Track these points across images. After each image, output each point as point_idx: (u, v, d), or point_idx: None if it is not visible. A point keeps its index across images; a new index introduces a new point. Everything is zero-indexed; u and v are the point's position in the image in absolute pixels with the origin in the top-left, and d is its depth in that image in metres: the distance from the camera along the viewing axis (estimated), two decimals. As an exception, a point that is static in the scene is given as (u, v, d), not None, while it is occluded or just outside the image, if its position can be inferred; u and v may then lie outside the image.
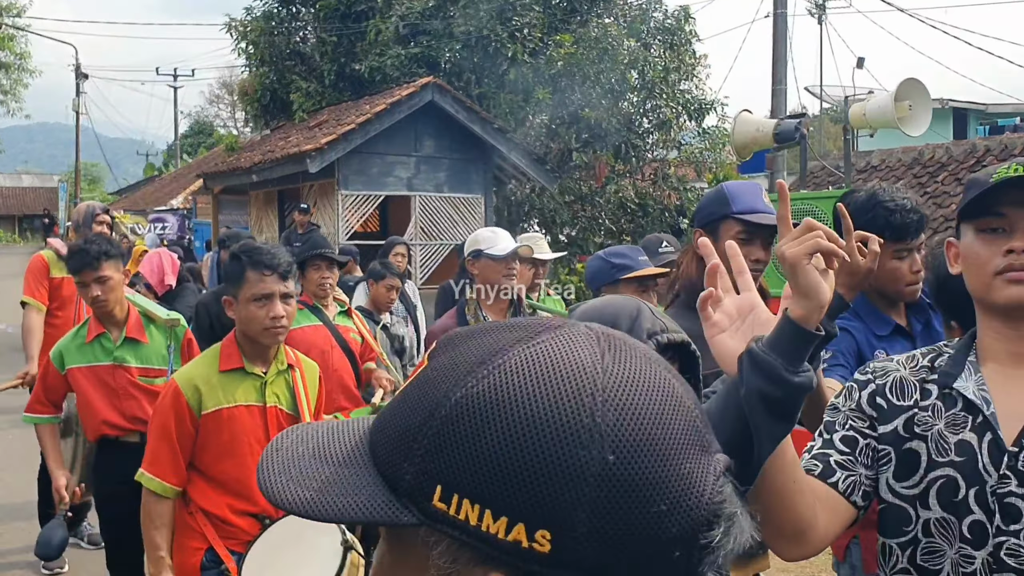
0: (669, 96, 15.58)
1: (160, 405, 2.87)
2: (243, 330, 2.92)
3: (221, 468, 2.87)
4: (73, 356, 3.86)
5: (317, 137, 12.87)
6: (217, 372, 2.89)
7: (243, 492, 2.88)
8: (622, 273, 3.33)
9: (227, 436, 2.86)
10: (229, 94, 57.89)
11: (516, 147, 13.87)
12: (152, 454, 2.84)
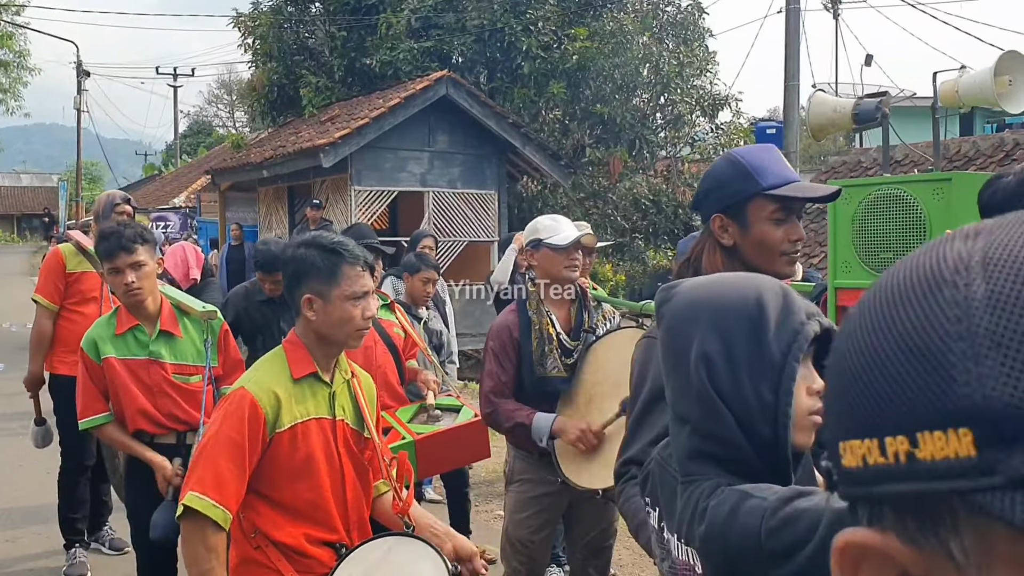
0: (683, 91, 15.35)
1: (228, 417, 2.40)
2: (328, 332, 2.53)
3: (294, 492, 2.47)
4: (107, 346, 3.55)
5: (330, 132, 12.63)
6: (291, 380, 2.50)
7: (319, 518, 2.50)
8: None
9: (302, 455, 2.47)
10: (228, 94, 57.77)
11: (531, 142, 13.63)
12: (214, 475, 2.35)
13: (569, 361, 3.66)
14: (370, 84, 15.37)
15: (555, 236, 3.65)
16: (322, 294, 2.49)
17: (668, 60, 14.87)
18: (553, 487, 3.72)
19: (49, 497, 6.38)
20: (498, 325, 3.77)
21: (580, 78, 14.65)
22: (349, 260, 2.51)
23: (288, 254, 2.55)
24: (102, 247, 3.54)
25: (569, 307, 3.77)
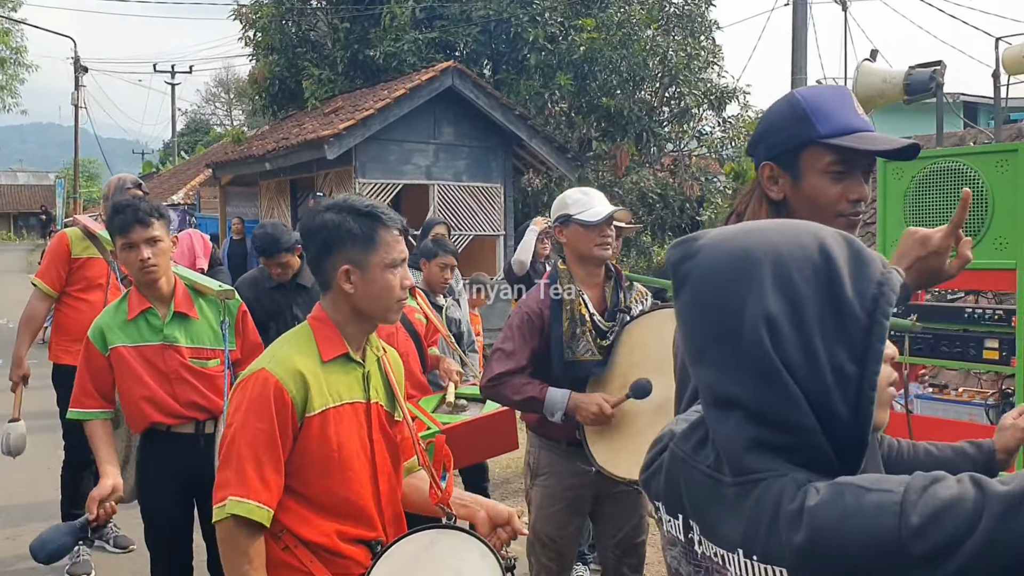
0: (691, 84, 15.14)
1: (252, 405, 2.14)
2: (366, 305, 2.26)
3: (326, 485, 2.22)
4: (116, 334, 3.32)
5: (334, 123, 12.40)
6: (320, 361, 2.24)
7: (353, 513, 2.25)
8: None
9: (334, 444, 2.21)
10: (226, 92, 57.50)
11: (537, 135, 13.41)
12: (253, 474, 2.11)
13: (604, 343, 3.44)
14: (373, 76, 15.15)
15: (586, 211, 3.42)
16: (359, 263, 2.22)
17: (676, 52, 14.64)
18: (582, 479, 3.50)
19: (50, 493, 6.15)
20: (526, 302, 3.53)
21: (587, 70, 14.42)
22: (387, 223, 2.26)
23: (316, 221, 2.27)
24: (117, 220, 3.29)
25: (603, 287, 3.55)
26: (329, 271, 2.25)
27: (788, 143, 1.74)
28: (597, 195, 3.55)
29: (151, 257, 3.27)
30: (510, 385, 3.41)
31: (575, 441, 3.45)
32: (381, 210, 2.28)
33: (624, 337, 3.46)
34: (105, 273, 4.95)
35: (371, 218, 2.25)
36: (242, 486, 2.11)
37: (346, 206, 2.27)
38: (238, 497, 2.10)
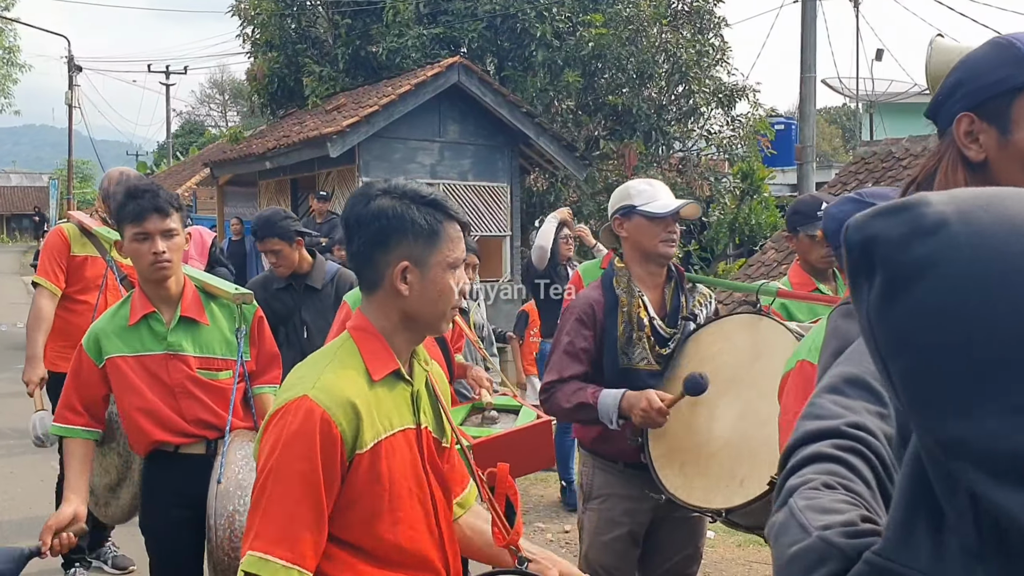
0: (700, 82, 14.82)
1: (292, 441, 1.76)
2: (421, 310, 1.91)
3: (380, 531, 1.84)
4: (113, 343, 2.95)
5: (337, 120, 12.06)
6: (369, 383, 1.86)
7: (412, 563, 1.89)
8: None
9: (385, 482, 1.83)
10: (221, 93, 57.14)
11: (544, 133, 13.08)
12: (281, 525, 1.74)
13: (663, 351, 3.08)
14: (375, 74, 14.81)
15: (652, 203, 3.07)
16: (419, 260, 1.86)
17: (685, 49, 14.32)
18: (641, 503, 3.15)
19: (44, 508, 5.79)
20: (579, 303, 3.17)
21: (595, 67, 14.11)
22: (452, 215, 1.91)
23: (371, 208, 1.86)
24: (132, 206, 2.89)
25: (663, 288, 3.19)
26: (381, 268, 1.87)
27: (997, 87, 1.42)
28: (662, 187, 3.20)
29: (165, 251, 2.91)
30: (562, 392, 3.06)
31: (634, 462, 3.09)
32: (444, 200, 1.93)
33: (689, 347, 3.11)
34: (102, 273, 4.57)
35: (436, 208, 1.89)
36: (264, 540, 1.73)
37: (407, 192, 1.89)
38: (259, 553, 1.72)
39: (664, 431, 2.99)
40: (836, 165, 25.90)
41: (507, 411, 3.99)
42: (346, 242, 1.95)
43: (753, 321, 3.04)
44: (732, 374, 2.95)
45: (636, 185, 3.20)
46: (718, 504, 2.80)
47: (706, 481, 2.88)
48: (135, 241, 2.91)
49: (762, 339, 2.97)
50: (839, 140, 54.29)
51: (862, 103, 22.89)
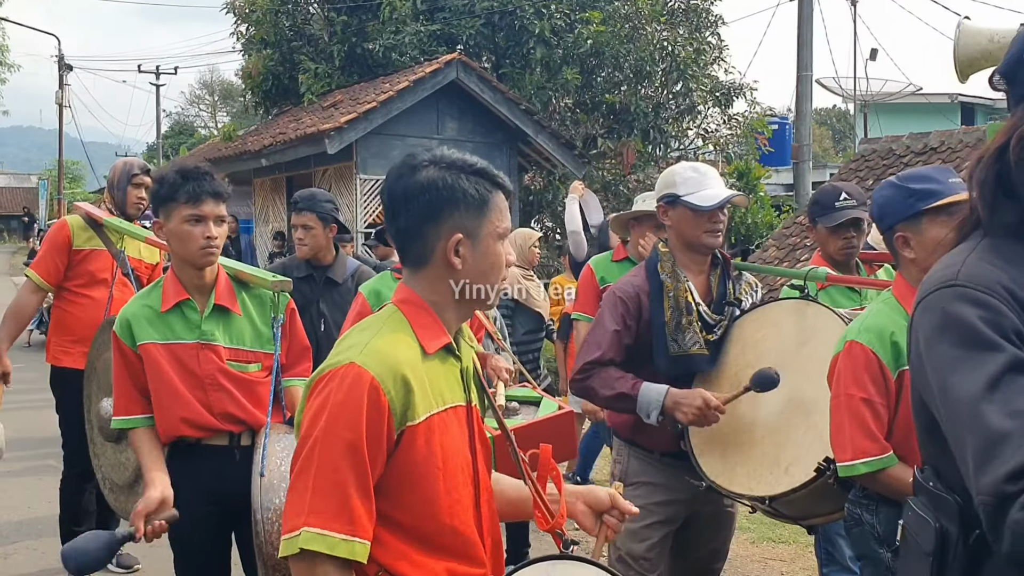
0: (697, 80, 14.77)
1: (340, 410, 1.65)
2: (476, 280, 1.82)
3: (431, 512, 1.75)
4: (144, 329, 2.85)
5: (334, 117, 11.95)
6: (422, 355, 1.76)
7: (461, 547, 1.79)
8: (927, 202, 2.39)
9: (439, 459, 1.75)
10: (211, 94, 56.90)
11: (544, 130, 12.99)
12: (336, 497, 1.64)
13: (711, 337, 3.00)
14: (371, 71, 14.69)
15: (697, 192, 2.98)
16: (472, 232, 1.78)
17: (684, 47, 14.26)
18: (678, 493, 3.07)
19: (42, 508, 5.69)
20: (621, 287, 3.08)
21: (593, 64, 14.03)
22: (501, 184, 1.84)
23: (419, 179, 1.78)
24: (189, 187, 2.79)
25: (708, 275, 3.10)
26: (432, 241, 1.78)
27: None
28: (710, 172, 3.09)
29: (216, 236, 2.83)
30: (600, 378, 2.97)
31: (671, 451, 3.02)
32: (492, 168, 1.85)
33: (735, 333, 3.03)
34: (110, 266, 4.48)
35: (484, 177, 1.81)
36: (322, 513, 1.63)
37: (455, 162, 1.81)
38: (316, 528, 1.62)
39: None
40: (830, 166, 25.95)
41: (527, 403, 3.91)
42: (390, 217, 1.85)
43: (800, 307, 2.98)
44: (778, 360, 2.87)
45: (682, 172, 3.09)
46: (761, 492, 2.73)
47: (749, 468, 2.81)
48: (187, 223, 2.80)
49: (809, 325, 2.91)
50: (829, 141, 54.48)
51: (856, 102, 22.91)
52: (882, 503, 2.45)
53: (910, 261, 2.47)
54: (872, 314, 2.49)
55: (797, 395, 2.81)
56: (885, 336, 2.39)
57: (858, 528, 2.52)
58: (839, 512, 2.76)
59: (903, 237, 2.46)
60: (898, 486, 2.35)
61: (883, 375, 2.38)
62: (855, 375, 2.40)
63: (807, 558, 5.27)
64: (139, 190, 4.59)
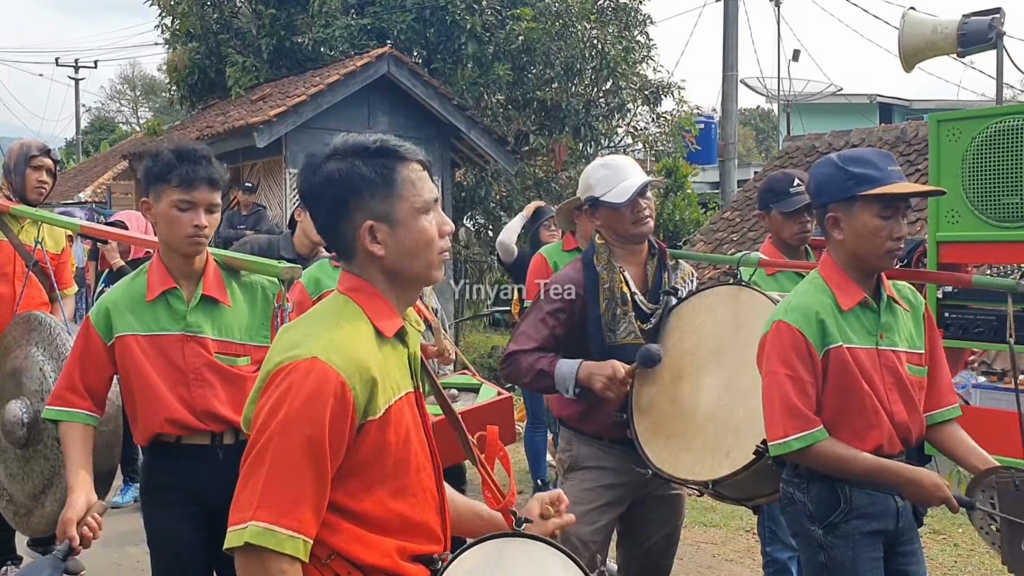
0: (627, 78, 14.95)
1: (303, 407, 1.63)
2: (404, 266, 1.79)
3: (385, 498, 1.75)
4: (125, 319, 2.68)
5: (263, 110, 11.75)
6: (379, 344, 1.76)
7: (413, 527, 1.80)
8: (864, 188, 2.44)
9: (393, 447, 1.75)
10: (132, 89, 55.39)
11: (476, 126, 12.99)
12: (287, 493, 1.62)
13: (646, 327, 3.07)
14: (300, 65, 14.50)
15: (612, 190, 3.05)
16: (385, 215, 1.75)
17: (613, 45, 14.42)
18: (625, 476, 3.12)
19: None
20: (557, 280, 3.15)
21: (525, 61, 14.09)
22: (404, 156, 1.78)
23: (318, 177, 1.77)
24: (183, 169, 2.61)
25: (645, 264, 3.17)
26: (349, 234, 1.77)
27: None
28: (622, 164, 3.17)
29: (206, 226, 2.67)
30: (522, 363, 3.06)
31: (619, 438, 3.08)
32: (394, 143, 1.81)
33: (673, 321, 3.10)
34: (11, 259, 4.11)
35: (384, 155, 1.77)
36: (273, 509, 1.61)
37: (350, 147, 1.79)
38: (265, 523, 1.60)
39: (648, 406, 2.98)
40: (753, 165, 26.50)
41: (467, 389, 3.94)
42: (312, 217, 1.85)
43: (734, 292, 3.06)
44: (715, 346, 2.95)
45: (594, 172, 3.15)
46: (704, 476, 2.80)
47: (692, 454, 2.87)
48: (176, 208, 2.64)
49: (744, 309, 2.99)
50: (752, 141, 55.58)
51: (779, 102, 23.48)
52: (813, 481, 2.51)
53: (838, 242, 2.53)
54: (798, 294, 2.56)
55: (735, 380, 2.88)
56: (811, 315, 2.45)
57: (791, 507, 2.59)
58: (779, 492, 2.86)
59: (835, 218, 2.52)
60: (830, 460, 2.42)
61: (810, 354, 2.43)
62: (782, 354, 2.46)
63: (737, 541, 5.40)
64: (39, 173, 4.27)
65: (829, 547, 2.48)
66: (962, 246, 3.45)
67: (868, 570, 2.48)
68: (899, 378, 2.52)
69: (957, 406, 2.70)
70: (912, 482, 2.39)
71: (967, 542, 5.29)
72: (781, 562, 3.85)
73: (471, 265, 14.64)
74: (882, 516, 2.50)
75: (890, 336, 2.53)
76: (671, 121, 16.06)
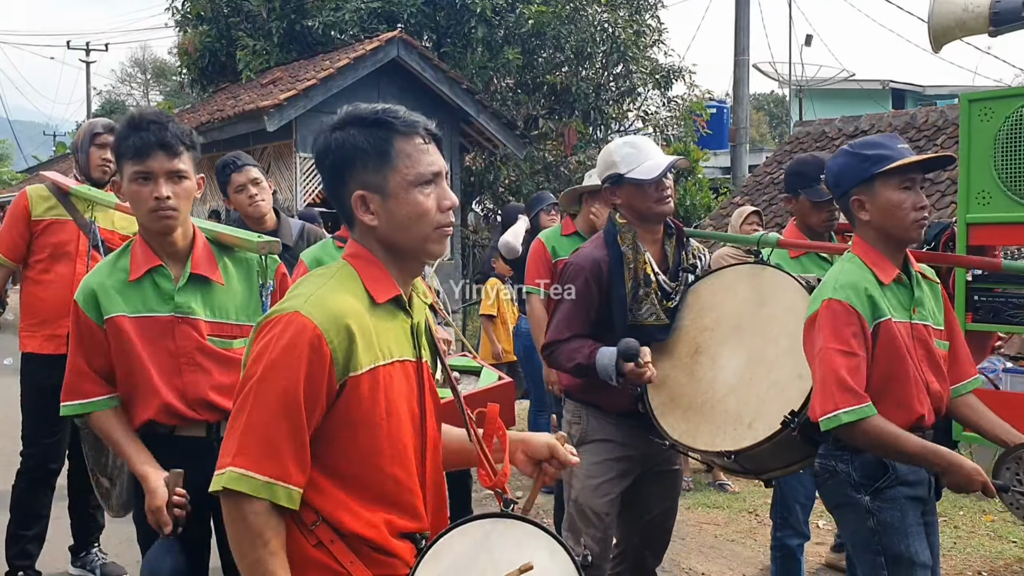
0: (638, 62, 14.91)
1: (280, 356, 1.67)
2: (397, 238, 1.80)
3: (375, 462, 1.76)
4: (113, 300, 2.51)
5: (274, 94, 11.81)
6: (370, 305, 1.77)
7: (402, 500, 1.81)
8: (879, 165, 2.53)
9: (383, 411, 1.76)
10: (143, 73, 55.44)
11: (485, 110, 13.01)
12: (259, 440, 1.66)
13: (669, 305, 3.11)
14: (310, 48, 14.54)
15: (638, 167, 3.06)
16: (377, 186, 1.78)
17: (624, 28, 14.38)
18: (633, 450, 3.17)
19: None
20: (582, 261, 3.15)
21: (534, 45, 14.07)
22: (403, 130, 1.78)
23: (321, 145, 1.82)
24: (132, 139, 2.45)
25: (663, 243, 3.19)
26: (346, 203, 1.81)
27: None
28: (646, 144, 3.18)
29: (170, 196, 2.46)
30: (563, 352, 3.10)
31: (627, 412, 3.12)
32: (393, 114, 1.80)
33: (690, 299, 3.14)
34: (75, 238, 4.05)
35: (380, 126, 1.78)
36: (249, 455, 1.67)
37: (350, 117, 1.81)
38: (241, 468, 1.66)
39: (664, 381, 3.02)
40: (766, 150, 26.36)
41: (468, 372, 3.96)
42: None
43: (755, 271, 3.09)
44: (736, 322, 3.00)
45: (619, 150, 3.16)
46: (726, 447, 2.84)
47: (712, 426, 2.92)
48: (134, 182, 2.48)
49: (767, 287, 3.03)
50: (766, 127, 55.27)
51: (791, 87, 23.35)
52: (856, 452, 2.57)
53: (865, 223, 2.61)
54: (844, 272, 2.60)
55: (758, 354, 2.93)
56: (860, 291, 2.52)
57: (832, 479, 2.63)
58: (795, 466, 2.91)
59: (859, 200, 2.60)
60: (877, 436, 2.45)
61: (862, 328, 2.49)
62: (835, 330, 2.50)
63: (739, 522, 5.45)
64: (103, 151, 4.10)
65: (878, 511, 2.55)
66: (993, 228, 3.41)
67: (916, 532, 2.56)
68: (930, 351, 2.61)
69: (978, 376, 2.78)
70: (953, 466, 2.45)
71: (967, 524, 5.32)
72: (790, 548, 3.88)
73: (479, 250, 14.66)
74: (920, 484, 2.59)
75: (921, 311, 2.63)
76: (682, 106, 16.01)
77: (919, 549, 2.54)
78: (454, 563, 1.80)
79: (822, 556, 4.81)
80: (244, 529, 1.69)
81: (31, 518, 4.18)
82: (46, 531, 4.25)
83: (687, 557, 4.88)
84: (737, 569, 4.74)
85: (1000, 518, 5.33)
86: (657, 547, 3.41)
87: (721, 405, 2.93)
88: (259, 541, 1.68)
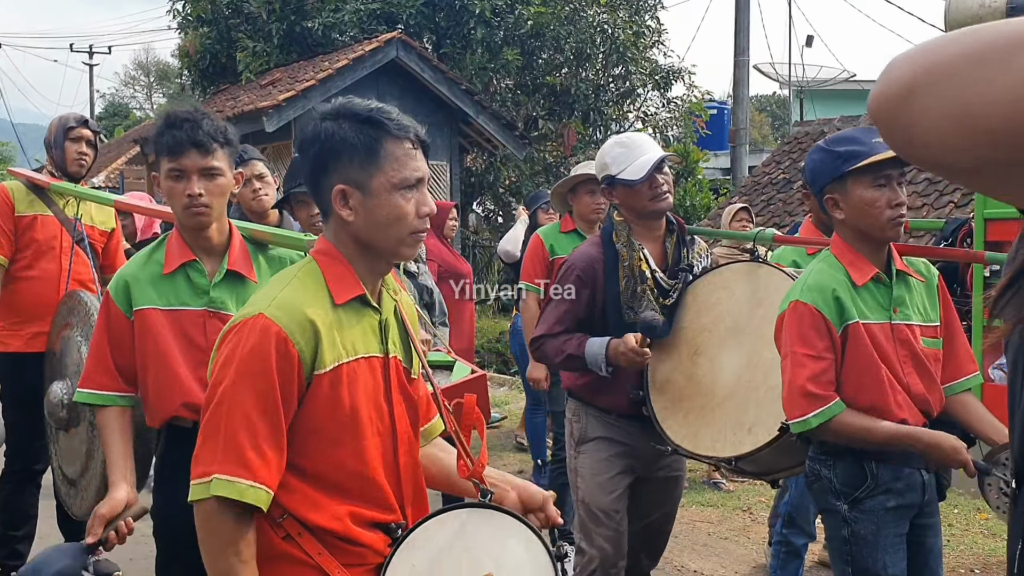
0: (637, 63, 14.93)
1: (249, 360, 1.71)
2: (372, 237, 1.83)
3: (337, 458, 1.81)
4: (145, 292, 2.50)
5: (273, 95, 11.85)
6: (330, 305, 1.80)
7: (368, 492, 1.84)
8: (850, 163, 2.46)
9: (347, 407, 1.79)
10: (146, 75, 55.59)
11: (484, 111, 13.03)
12: (243, 445, 1.70)
13: (666, 303, 3.09)
14: (310, 49, 14.57)
15: (628, 167, 3.04)
16: (360, 183, 1.78)
17: (624, 29, 14.41)
18: (632, 449, 3.16)
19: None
20: (576, 260, 3.16)
21: (534, 46, 14.10)
22: (394, 132, 1.79)
23: (310, 133, 1.82)
24: (167, 137, 2.45)
25: (663, 240, 3.18)
26: (326, 193, 1.81)
27: None
28: (638, 141, 3.16)
29: (203, 194, 2.46)
30: (550, 346, 3.11)
31: (628, 413, 3.12)
32: (387, 115, 1.82)
33: (688, 298, 3.12)
34: (57, 233, 4.01)
35: (373, 125, 1.78)
36: (231, 461, 1.69)
37: (344, 110, 1.81)
38: (226, 475, 1.69)
39: (665, 383, 3.03)
40: (766, 150, 26.34)
41: (441, 367, 3.95)
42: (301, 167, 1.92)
43: (751, 269, 3.07)
44: (733, 323, 2.98)
45: (610, 151, 3.15)
46: (727, 452, 2.83)
47: (712, 430, 2.91)
48: (169, 179, 2.48)
49: (762, 286, 3.00)
50: (768, 128, 55.27)
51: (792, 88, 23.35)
52: (838, 459, 2.56)
53: (841, 221, 2.56)
54: (814, 273, 2.58)
55: (756, 357, 2.91)
56: (827, 293, 2.49)
57: (818, 483, 2.64)
58: (800, 467, 2.89)
59: (832, 199, 2.54)
60: (850, 431, 2.45)
61: (828, 330, 2.47)
62: (801, 333, 2.49)
63: (733, 520, 5.46)
64: (79, 144, 4.07)
65: (853, 522, 2.53)
66: (1011, 223, 3.38)
67: (890, 545, 2.53)
68: (914, 351, 2.55)
69: (978, 374, 2.73)
70: (932, 445, 2.43)
71: (961, 523, 5.32)
72: (795, 546, 3.89)
73: (479, 251, 14.69)
74: (908, 491, 2.55)
75: (903, 310, 2.57)
76: (681, 107, 16.03)
77: (889, 563, 2.52)
78: (429, 553, 1.82)
79: (815, 554, 4.82)
80: (220, 540, 1.72)
81: (19, 518, 4.18)
82: (35, 530, 4.24)
83: (680, 555, 4.88)
84: (730, 567, 4.75)
85: (994, 516, 5.33)
86: (654, 550, 3.42)
87: (721, 409, 2.92)
88: (231, 550, 1.72)
